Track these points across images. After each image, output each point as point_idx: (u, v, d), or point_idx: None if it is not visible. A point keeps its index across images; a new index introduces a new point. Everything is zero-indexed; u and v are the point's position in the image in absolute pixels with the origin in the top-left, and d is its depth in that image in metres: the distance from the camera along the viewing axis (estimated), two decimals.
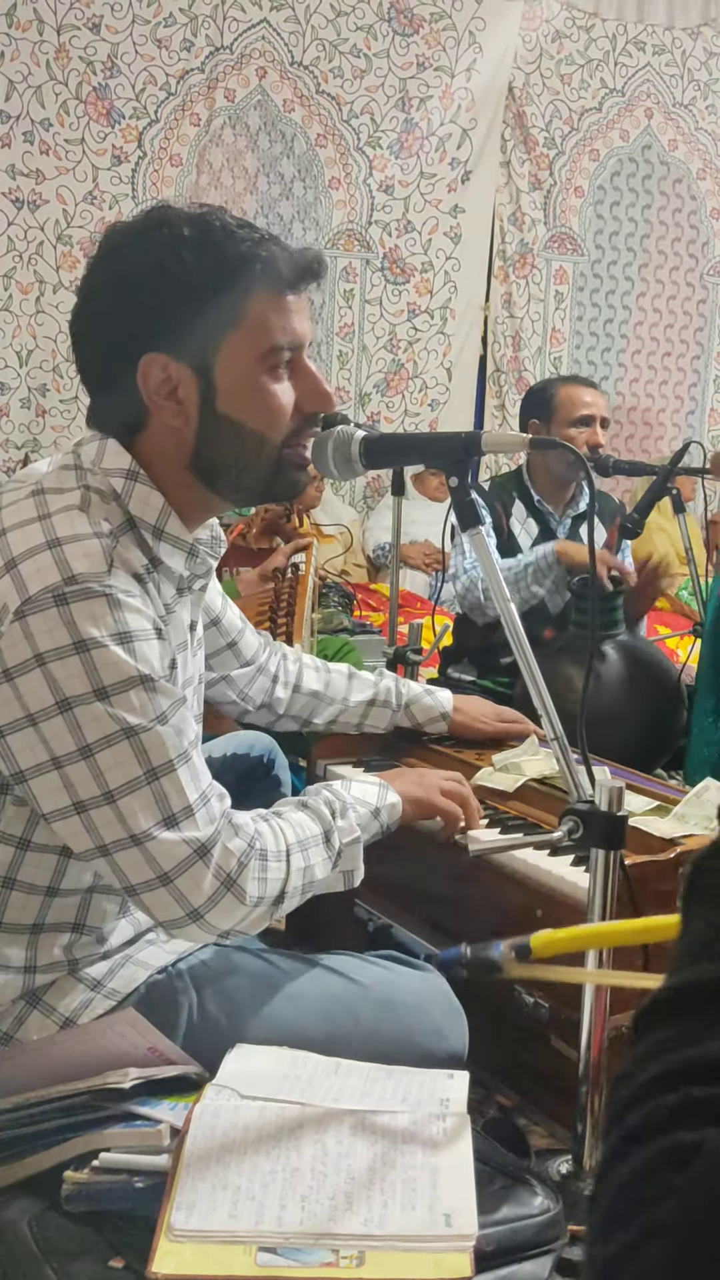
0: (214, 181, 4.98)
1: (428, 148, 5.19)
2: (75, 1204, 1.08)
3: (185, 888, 1.18)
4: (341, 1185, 1.04)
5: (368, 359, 5.29)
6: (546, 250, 5.50)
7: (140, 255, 1.20)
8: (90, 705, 1.12)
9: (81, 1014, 1.26)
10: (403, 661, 2.23)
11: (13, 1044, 1.25)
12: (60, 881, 1.26)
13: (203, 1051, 1.25)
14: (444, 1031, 1.35)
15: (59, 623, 1.12)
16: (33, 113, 4.69)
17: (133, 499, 1.22)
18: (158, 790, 1.16)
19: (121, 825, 1.15)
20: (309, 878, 1.30)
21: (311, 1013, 1.32)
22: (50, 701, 1.13)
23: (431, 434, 1.25)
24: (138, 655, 1.14)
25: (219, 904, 1.20)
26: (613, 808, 1.20)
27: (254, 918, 1.25)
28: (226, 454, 1.24)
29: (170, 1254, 0.98)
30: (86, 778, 1.14)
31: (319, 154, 5.08)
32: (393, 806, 1.43)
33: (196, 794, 1.19)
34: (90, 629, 1.12)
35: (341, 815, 1.36)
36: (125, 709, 1.13)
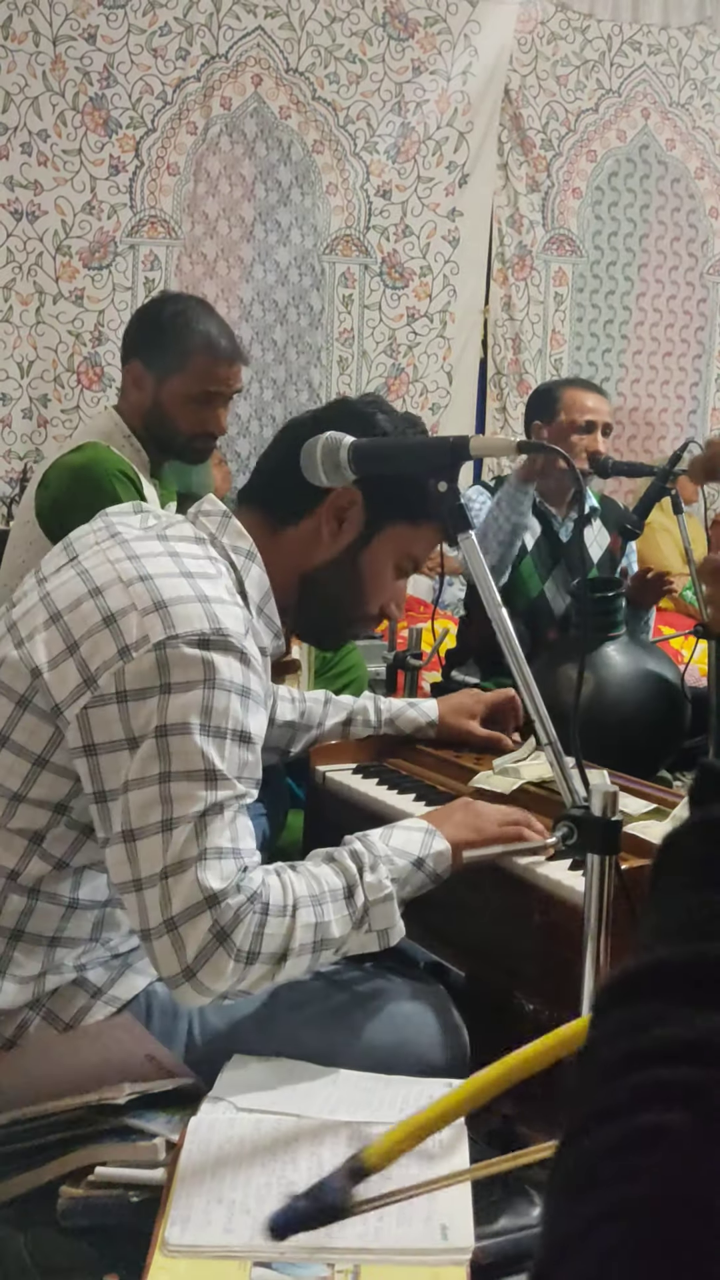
0: (211, 190, 4.99)
1: (424, 151, 5.18)
2: (71, 1219, 1.08)
3: (187, 937, 1.17)
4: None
5: (368, 364, 5.29)
6: (545, 252, 5.49)
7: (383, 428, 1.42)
8: (188, 737, 1.18)
9: (82, 1019, 1.27)
10: (403, 666, 2.22)
11: (15, 1048, 1.25)
12: (79, 893, 1.28)
13: (201, 1061, 1.25)
14: (444, 1044, 1.35)
15: (198, 661, 1.20)
16: (30, 124, 4.70)
17: (249, 576, 1.34)
18: (200, 826, 1.18)
19: (164, 853, 1.17)
20: (321, 935, 1.24)
21: (310, 1025, 1.32)
22: (155, 724, 1.18)
23: (420, 439, 1.25)
24: (249, 712, 1.23)
25: (209, 961, 1.17)
26: (607, 813, 1.19)
27: (252, 977, 1.20)
28: (333, 591, 1.42)
29: (164, 1270, 0.97)
30: (153, 803, 1.17)
31: (316, 160, 5.09)
32: (440, 855, 1.35)
33: (231, 845, 1.20)
34: (225, 673, 1.21)
35: (371, 870, 1.29)
36: (216, 751, 1.19)
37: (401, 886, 1.31)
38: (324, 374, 5.27)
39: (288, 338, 5.20)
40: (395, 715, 1.85)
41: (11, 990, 1.26)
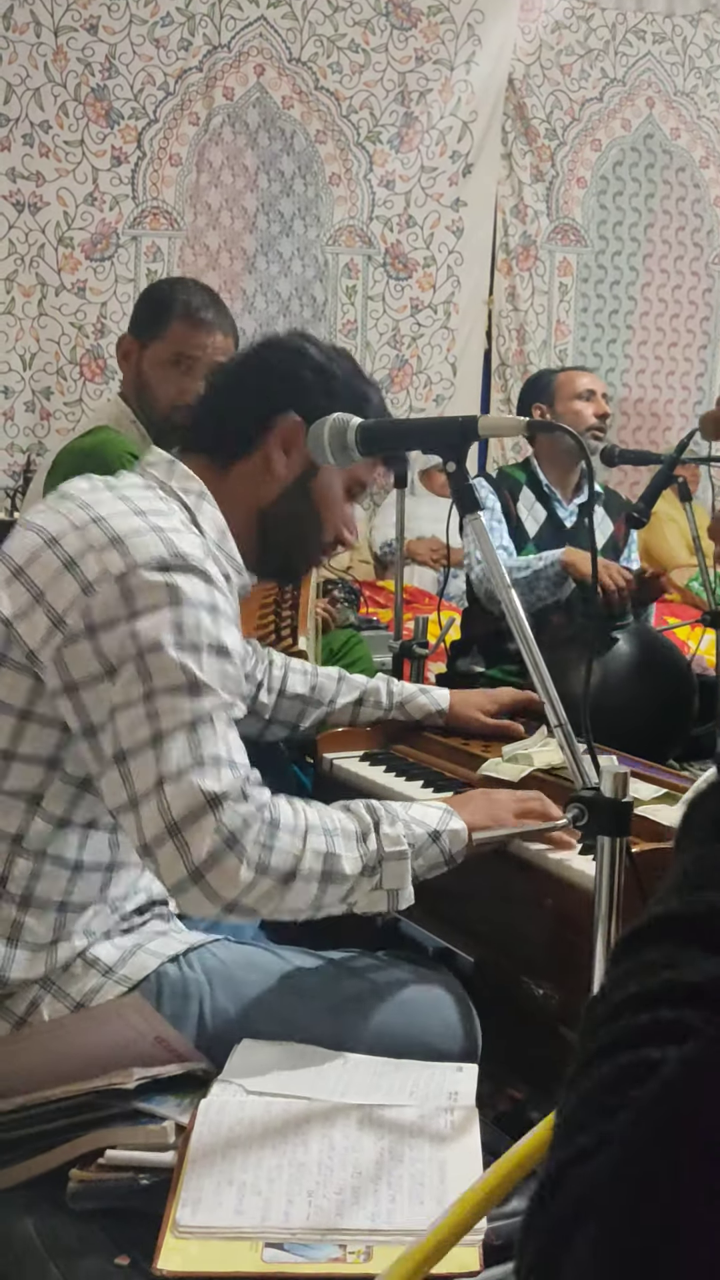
0: (214, 180, 4.97)
1: (428, 141, 5.17)
2: (81, 1202, 1.08)
3: (191, 840, 1.17)
4: (348, 1180, 1.03)
5: (371, 355, 5.27)
6: (550, 242, 5.47)
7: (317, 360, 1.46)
8: (164, 653, 1.20)
9: (93, 999, 1.26)
10: (409, 656, 2.21)
11: (26, 1027, 1.25)
12: (84, 854, 1.29)
13: (211, 1042, 1.25)
14: (455, 1030, 1.34)
15: (161, 585, 1.22)
16: (31, 115, 4.69)
17: (202, 514, 1.36)
18: (193, 737, 1.19)
19: (156, 765, 1.18)
20: (331, 865, 1.23)
21: (321, 1009, 1.31)
22: (132, 651, 1.20)
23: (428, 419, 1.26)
24: (221, 628, 1.25)
25: (219, 864, 1.17)
26: (618, 794, 1.19)
27: (259, 890, 1.20)
28: (291, 522, 1.44)
29: (176, 1251, 0.97)
30: (141, 721, 1.19)
31: (319, 150, 5.07)
32: (456, 833, 1.34)
33: (228, 754, 1.21)
34: (188, 593, 1.23)
35: (389, 824, 1.29)
36: (194, 663, 1.21)
37: (416, 855, 1.31)
38: None
39: (291, 329, 5.18)
40: (406, 699, 1.84)
41: (24, 960, 1.26)
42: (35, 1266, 1.02)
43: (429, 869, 1.33)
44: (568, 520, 2.86)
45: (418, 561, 4.75)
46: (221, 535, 1.37)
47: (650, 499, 2.66)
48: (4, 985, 1.26)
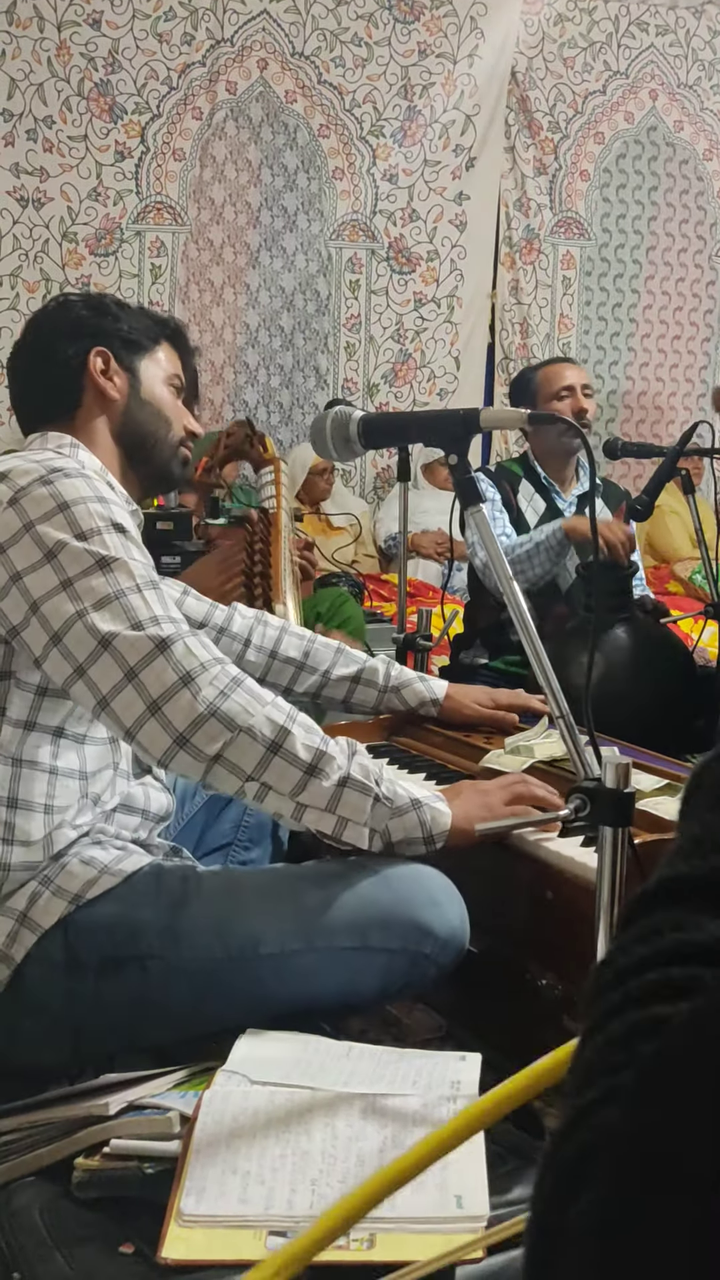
0: (217, 175, 4.97)
1: (431, 135, 5.16)
2: (86, 1191, 1.08)
3: (147, 680, 1.26)
4: (352, 1168, 1.03)
5: (375, 350, 5.27)
6: (553, 235, 5.47)
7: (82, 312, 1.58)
8: (69, 546, 1.30)
9: (89, 890, 1.33)
10: (412, 648, 2.22)
11: (27, 923, 1.32)
12: (58, 761, 1.38)
13: (201, 922, 1.32)
14: (440, 903, 1.36)
15: (45, 495, 1.33)
16: (35, 110, 4.69)
17: (82, 462, 1.45)
18: (125, 604, 1.29)
19: (91, 634, 1.27)
20: (281, 739, 1.27)
21: (310, 884, 1.36)
22: (38, 555, 1.31)
23: (430, 412, 1.26)
24: (112, 511, 1.35)
25: (174, 698, 1.25)
26: (620, 785, 1.19)
27: (206, 729, 1.25)
28: (145, 430, 1.56)
29: (180, 1239, 0.98)
30: (64, 604, 1.29)
31: (322, 144, 5.07)
32: (439, 813, 1.35)
33: (163, 611, 1.30)
34: (73, 493, 1.34)
35: (368, 760, 1.33)
36: (100, 545, 1.31)
37: (391, 815, 1.32)
38: (331, 360, 5.26)
39: (295, 324, 5.19)
40: (402, 684, 1.84)
41: (20, 854, 1.35)
42: (41, 1255, 1.03)
43: (406, 838, 1.34)
44: (567, 511, 2.87)
45: (421, 555, 4.75)
46: (102, 474, 1.48)
47: (653, 492, 2.66)
48: (6, 872, 1.35)
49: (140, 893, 1.34)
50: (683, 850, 0.47)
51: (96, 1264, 1.00)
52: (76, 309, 1.58)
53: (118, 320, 1.57)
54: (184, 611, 1.71)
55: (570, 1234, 0.38)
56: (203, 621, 1.75)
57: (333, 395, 5.10)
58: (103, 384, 1.54)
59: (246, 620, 1.78)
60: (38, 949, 1.32)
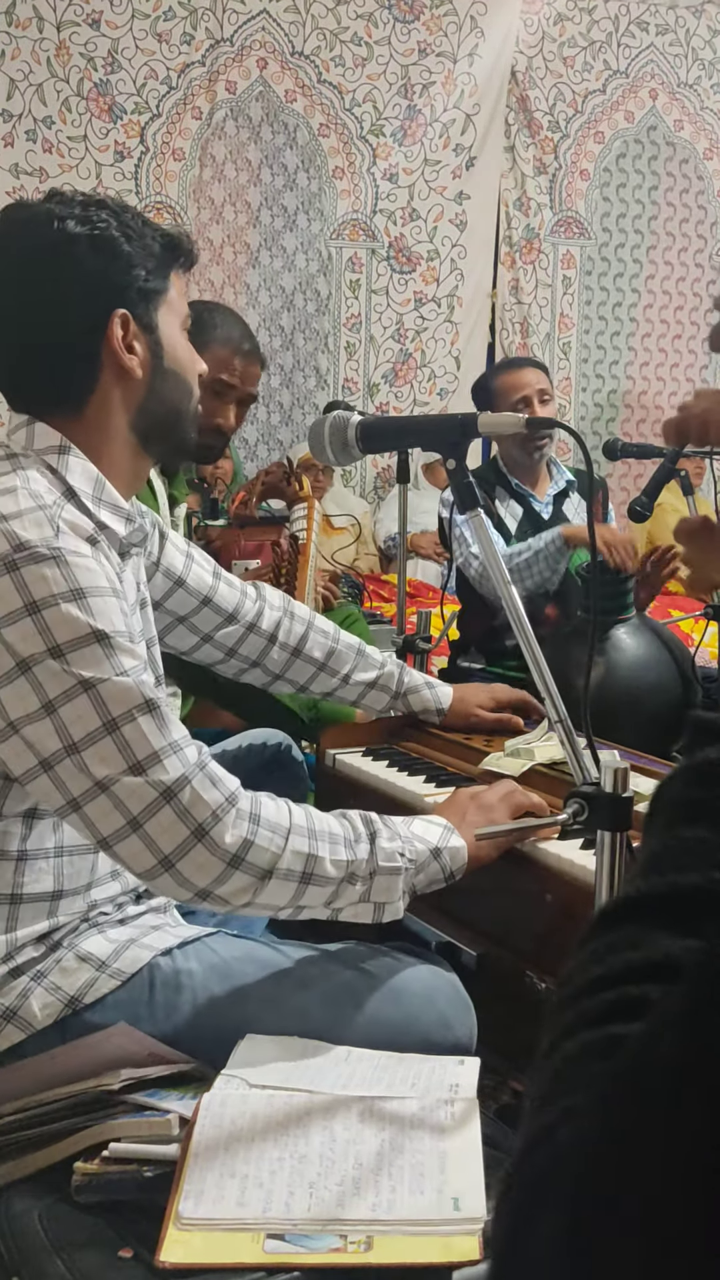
0: (217, 175, 4.97)
1: (431, 134, 5.16)
2: (85, 1195, 1.08)
3: (154, 833, 1.14)
4: (349, 1171, 1.04)
5: (375, 349, 5.27)
6: (553, 235, 5.47)
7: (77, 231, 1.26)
8: (46, 663, 1.14)
9: (86, 993, 1.26)
10: (412, 650, 2.22)
11: (16, 1020, 1.24)
12: (27, 844, 1.26)
13: (205, 1033, 1.25)
14: (450, 1022, 1.34)
15: (10, 588, 1.15)
16: (35, 111, 4.69)
17: (69, 471, 1.26)
18: (119, 740, 1.15)
19: (86, 775, 1.14)
20: (313, 868, 1.22)
21: (316, 1000, 1.31)
22: (10, 665, 1.15)
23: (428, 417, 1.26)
24: (93, 611, 1.16)
25: (188, 854, 1.15)
26: (618, 789, 1.19)
27: (234, 884, 1.18)
28: (167, 403, 1.33)
29: (178, 1243, 0.98)
30: (49, 733, 1.14)
31: (322, 144, 5.07)
32: (456, 850, 1.33)
33: (163, 742, 1.16)
34: (40, 590, 1.15)
35: (388, 840, 1.28)
36: (80, 665, 1.15)
37: (416, 872, 1.30)
38: (331, 360, 5.26)
39: (295, 324, 5.19)
40: (411, 690, 1.83)
41: None
42: (40, 1259, 1.03)
43: (428, 884, 1.33)
44: (544, 512, 2.88)
45: (421, 555, 4.75)
46: (98, 485, 1.28)
47: (653, 492, 2.66)
48: None
49: (139, 1000, 1.26)
50: (642, 868, 0.48)
51: (96, 1269, 1.00)
52: (82, 251, 1.24)
53: (132, 262, 1.27)
54: (215, 600, 1.64)
55: (533, 1255, 0.39)
56: (232, 613, 1.66)
57: (333, 395, 5.10)
58: (124, 359, 1.28)
59: (274, 614, 1.72)
60: (29, 1043, 1.24)
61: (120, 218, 1.28)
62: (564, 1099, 0.40)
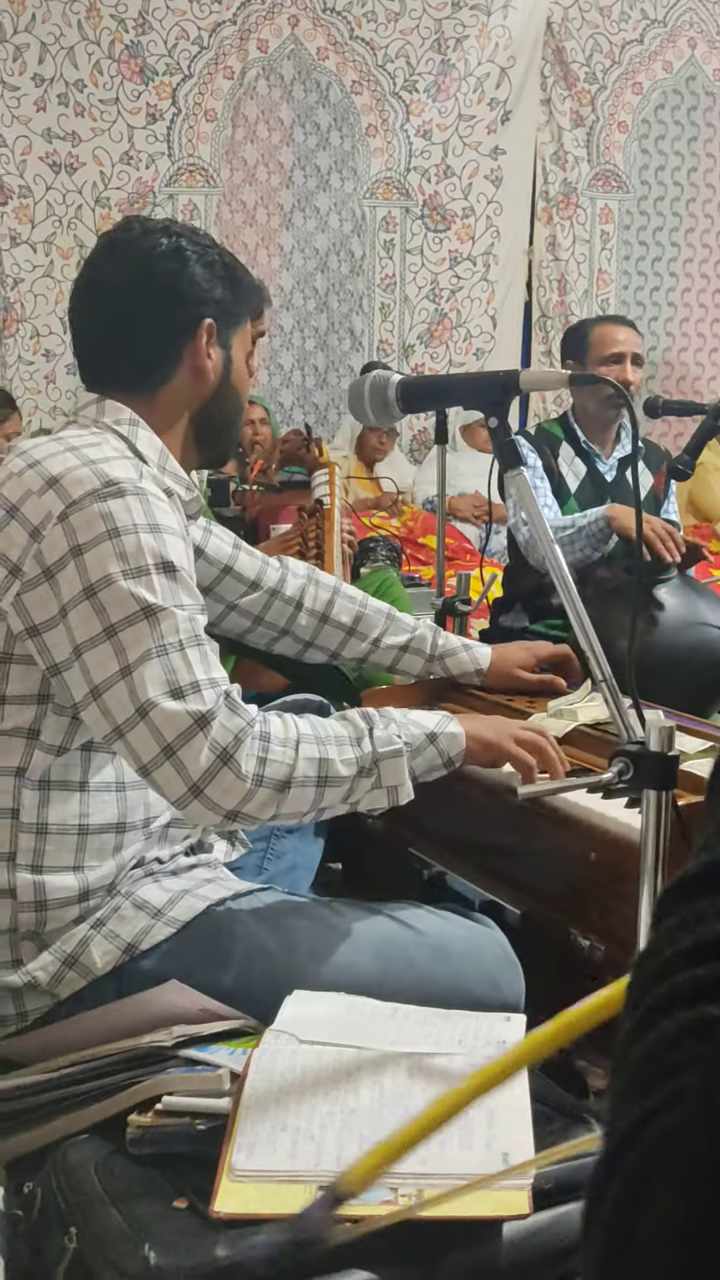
0: (249, 135, 4.93)
1: (465, 89, 5.08)
2: (139, 1147, 1.11)
3: (186, 759, 1.21)
4: (399, 1125, 1.05)
5: (410, 310, 5.23)
6: (591, 189, 5.38)
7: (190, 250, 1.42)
8: (115, 585, 1.23)
9: (143, 940, 1.30)
10: (451, 612, 2.21)
11: (77, 966, 1.29)
12: (89, 776, 1.33)
13: (255, 984, 1.28)
14: (498, 981, 1.35)
15: (97, 515, 1.25)
16: (66, 74, 4.67)
17: (138, 440, 1.38)
18: (166, 664, 1.23)
19: (131, 698, 1.22)
20: (326, 771, 1.27)
21: (366, 955, 1.33)
22: (79, 588, 1.24)
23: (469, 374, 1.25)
24: (165, 545, 1.27)
25: (215, 778, 1.22)
26: (664, 748, 1.19)
27: (257, 800, 1.24)
28: (223, 409, 1.47)
29: (232, 1193, 1.00)
30: (108, 656, 1.23)
31: (355, 101, 5.00)
32: (453, 736, 1.38)
33: (205, 675, 1.24)
34: (124, 518, 1.26)
35: (383, 727, 1.33)
36: (147, 589, 1.24)
37: (414, 754, 1.34)
38: (366, 321, 5.22)
39: (329, 285, 5.15)
40: (447, 653, 1.83)
41: (57, 881, 1.30)
42: (96, 1210, 1.06)
43: (428, 770, 1.37)
44: (608, 474, 2.84)
45: (459, 518, 4.73)
46: (162, 456, 1.40)
47: (695, 450, 2.63)
48: (44, 909, 1.30)
49: (193, 949, 1.31)
50: (718, 833, 0.46)
51: (152, 1218, 1.02)
52: (192, 264, 1.41)
53: (227, 288, 1.44)
54: (236, 569, 1.68)
55: (642, 1243, 0.38)
56: (255, 580, 1.70)
57: (368, 357, 5.07)
58: (203, 362, 1.42)
59: (299, 580, 1.75)
60: (88, 990, 1.29)
61: (225, 255, 1.47)
62: (665, 1082, 0.39)
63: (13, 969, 1.30)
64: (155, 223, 1.46)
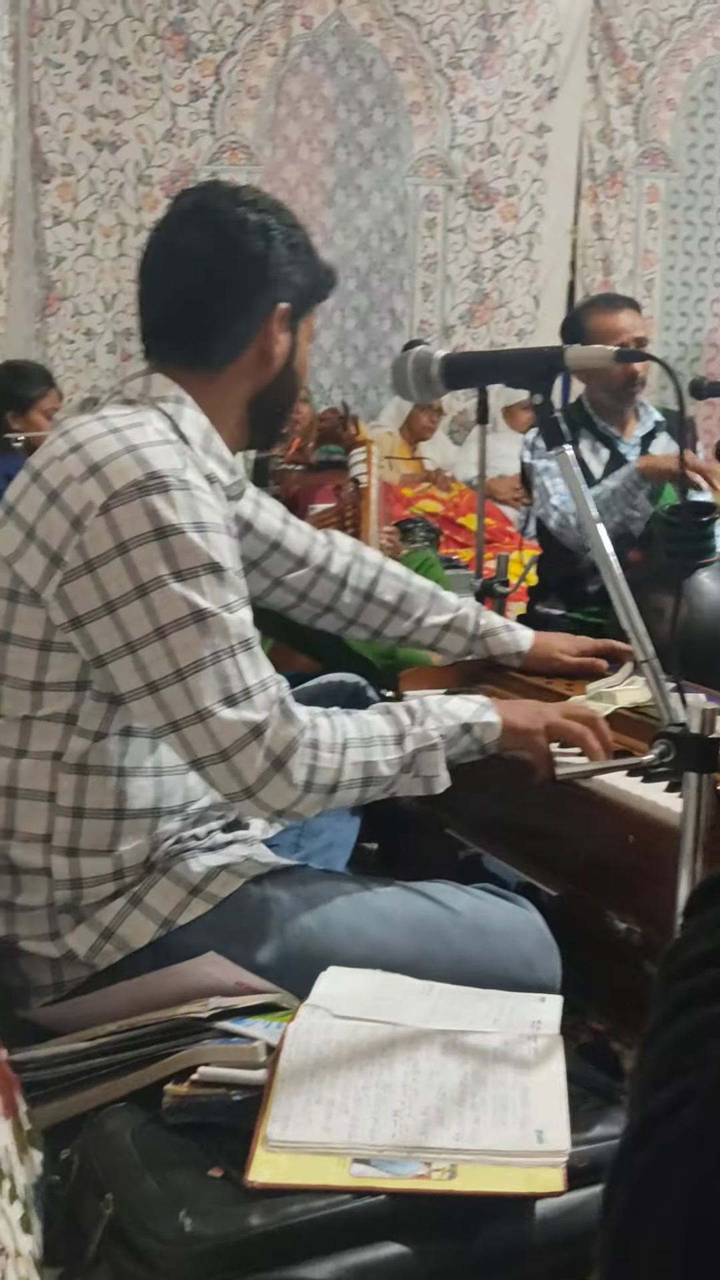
0: (293, 112, 4.91)
1: (511, 66, 5.03)
2: (175, 1116, 1.12)
3: (241, 764, 1.25)
4: (433, 1101, 1.05)
5: (451, 290, 5.19)
6: (637, 167, 5.31)
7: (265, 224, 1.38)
8: (166, 588, 1.24)
9: (180, 915, 1.31)
10: (490, 594, 2.20)
11: (114, 940, 1.30)
12: (125, 760, 1.33)
13: (291, 960, 1.29)
14: (534, 963, 1.35)
15: (141, 512, 1.24)
16: (110, 52, 4.66)
17: (183, 419, 1.35)
18: (220, 671, 1.24)
19: (189, 702, 1.24)
20: (369, 773, 1.31)
21: (401, 932, 1.34)
22: (130, 586, 1.24)
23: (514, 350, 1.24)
24: (210, 544, 1.26)
25: (269, 784, 1.26)
26: (706, 730, 1.17)
27: (306, 802, 1.29)
28: (281, 396, 1.45)
29: (266, 1164, 1.01)
30: (160, 657, 1.24)
31: (399, 78, 4.97)
32: (489, 725, 1.40)
33: (256, 679, 1.26)
34: (170, 516, 1.24)
35: (421, 722, 1.36)
36: (196, 592, 1.24)
37: (449, 745, 1.37)
38: (407, 301, 5.19)
39: (370, 264, 5.12)
40: (488, 633, 1.81)
41: (92, 861, 1.31)
42: (133, 1177, 1.07)
43: (462, 755, 1.40)
44: (631, 454, 2.81)
45: (499, 500, 4.70)
46: (207, 437, 1.37)
47: None
48: (79, 886, 1.31)
49: (230, 924, 1.32)
50: None
51: (187, 1186, 1.03)
52: (278, 244, 1.38)
53: (306, 270, 1.42)
54: (284, 545, 1.67)
55: (653, 1235, 0.39)
56: (302, 557, 1.69)
57: (409, 337, 5.04)
58: (271, 346, 1.39)
59: (344, 558, 1.73)
60: (125, 963, 1.31)
61: (306, 237, 1.44)
62: (680, 1078, 0.40)
63: (50, 940, 1.31)
64: (243, 193, 1.42)
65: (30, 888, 1.32)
